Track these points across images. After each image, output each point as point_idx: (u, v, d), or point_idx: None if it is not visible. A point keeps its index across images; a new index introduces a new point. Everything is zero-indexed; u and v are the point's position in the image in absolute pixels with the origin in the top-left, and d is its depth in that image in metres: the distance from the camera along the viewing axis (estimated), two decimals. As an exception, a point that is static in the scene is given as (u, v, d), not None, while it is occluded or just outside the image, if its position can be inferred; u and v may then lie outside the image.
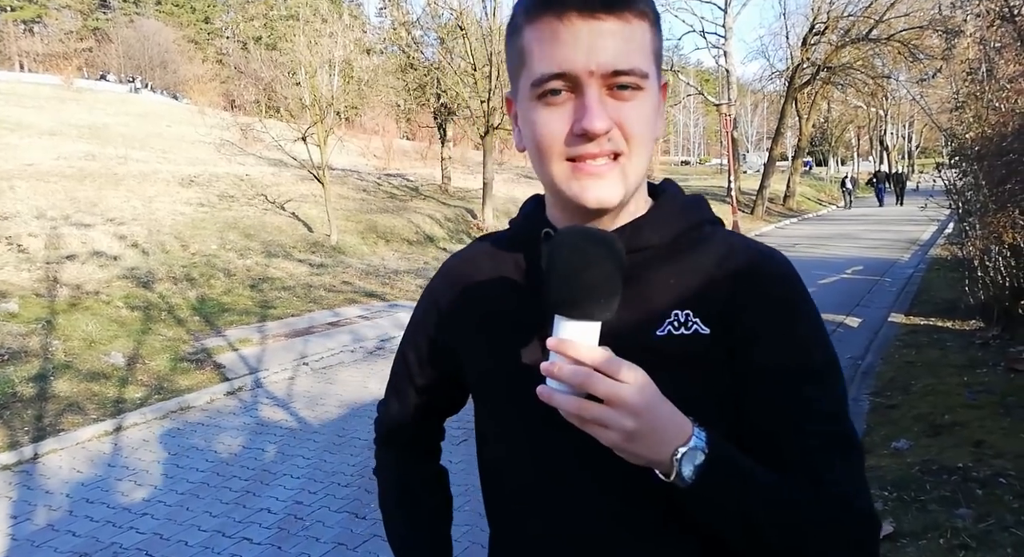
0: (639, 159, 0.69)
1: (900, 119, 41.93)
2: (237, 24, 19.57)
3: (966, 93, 6.62)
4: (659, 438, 0.61)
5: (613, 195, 0.69)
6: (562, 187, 0.70)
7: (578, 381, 0.60)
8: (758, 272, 0.72)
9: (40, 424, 4.70)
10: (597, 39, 0.64)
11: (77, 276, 8.07)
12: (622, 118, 0.67)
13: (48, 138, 17.34)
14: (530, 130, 0.70)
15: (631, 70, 0.66)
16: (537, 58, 0.67)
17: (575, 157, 0.68)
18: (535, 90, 0.68)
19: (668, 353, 0.70)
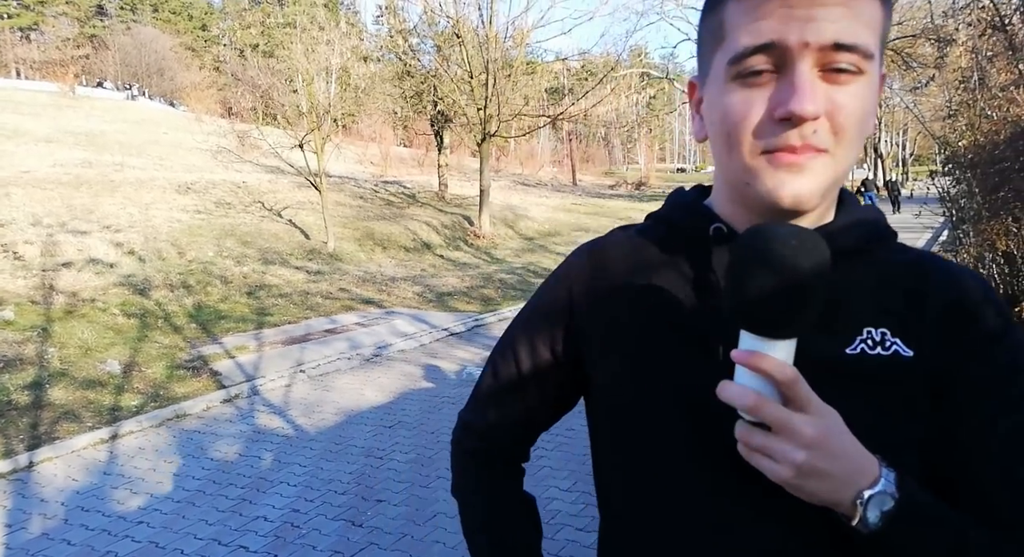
0: (846, 157, 0.59)
1: (894, 127, 42.22)
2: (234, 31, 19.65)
3: (959, 101, 6.68)
4: (839, 477, 0.54)
5: (814, 192, 0.58)
6: (751, 179, 0.60)
7: (747, 402, 0.53)
8: (970, 296, 0.63)
9: (35, 432, 4.69)
10: (817, 8, 0.55)
11: (73, 283, 8.05)
12: (835, 106, 0.56)
13: (45, 145, 17.33)
14: (719, 114, 0.61)
15: (855, 46, 0.55)
16: (741, 30, 0.57)
17: (771, 148, 0.58)
18: (733, 68, 0.58)
19: (859, 374, 0.61)
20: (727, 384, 0.55)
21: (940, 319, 0.62)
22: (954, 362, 0.61)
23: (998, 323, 0.63)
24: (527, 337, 0.79)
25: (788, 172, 0.58)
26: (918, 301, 0.63)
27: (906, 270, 0.65)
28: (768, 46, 0.56)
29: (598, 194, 27.89)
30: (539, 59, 20.15)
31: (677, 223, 0.71)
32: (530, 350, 0.78)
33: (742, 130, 0.59)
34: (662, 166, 58.15)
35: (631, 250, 0.73)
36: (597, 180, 37.90)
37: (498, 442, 0.86)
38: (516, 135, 18.40)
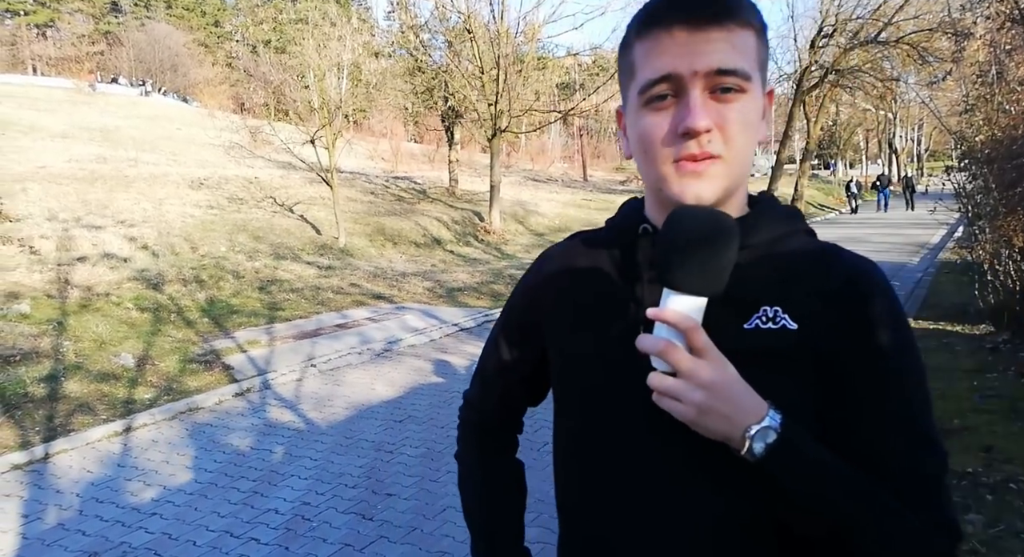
0: (738, 162, 0.72)
1: (909, 122, 41.72)
2: (247, 28, 19.70)
3: (976, 96, 6.59)
4: (732, 415, 0.66)
5: (711, 192, 0.72)
6: (664, 187, 0.73)
7: (658, 348, 0.66)
8: (856, 281, 0.73)
9: (51, 424, 4.74)
10: (701, 45, 0.69)
11: (88, 278, 8.14)
12: (723, 120, 0.70)
13: (60, 141, 17.51)
14: (637, 135, 0.75)
15: (734, 70, 0.69)
16: (645, 67, 0.72)
17: (678, 158, 0.71)
18: (642, 97, 0.73)
19: (753, 345, 0.72)
20: (643, 336, 0.68)
21: (828, 300, 0.73)
22: (838, 340, 0.71)
23: (882, 307, 0.72)
24: (506, 330, 0.97)
25: (691, 178, 0.71)
26: (811, 284, 0.74)
27: (808, 258, 0.77)
28: (667, 77, 0.70)
29: (609, 190, 27.79)
30: (550, 54, 20.05)
31: (618, 225, 0.86)
32: (508, 342, 0.96)
33: (655, 145, 0.72)
34: (674, 162, 57.72)
35: (583, 251, 0.88)
36: (608, 175, 37.75)
37: (490, 414, 1.02)
38: (527, 131, 18.36)
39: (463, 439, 1.05)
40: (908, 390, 0.72)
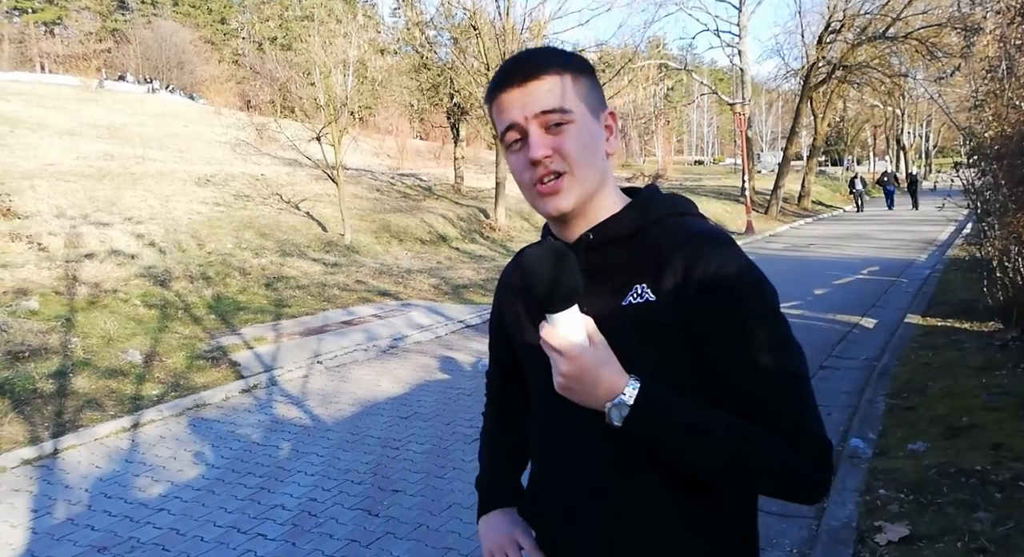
0: (583, 173, 0.91)
1: (917, 118, 41.43)
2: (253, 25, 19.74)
3: (985, 91, 6.53)
4: (592, 394, 0.83)
5: (565, 204, 0.91)
6: (535, 207, 0.94)
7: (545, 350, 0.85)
8: (704, 250, 0.88)
9: (60, 420, 4.78)
10: (526, 97, 0.90)
11: (96, 274, 8.18)
12: (558, 145, 0.89)
13: (68, 138, 17.58)
14: (511, 171, 0.95)
15: (554, 108, 0.89)
16: (498, 121, 0.94)
17: (534, 182, 0.91)
18: (503, 143, 0.94)
19: (628, 319, 0.89)
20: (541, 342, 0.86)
21: (675, 265, 0.87)
22: (690, 309, 0.86)
23: (732, 280, 0.86)
24: (491, 319, 1.22)
25: (548, 197, 0.91)
26: (663, 257, 0.89)
27: (668, 239, 0.91)
28: (511, 125, 0.91)
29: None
30: (556, 51, 19.97)
31: (542, 237, 1.04)
32: (492, 326, 1.23)
33: (520, 177, 0.94)
34: (680, 158, 57.65)
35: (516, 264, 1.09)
36: (614, 172, 37.61)
37: (493, 386, 1.29)
38: (533, 127, 18.30)
39: (487, 402, 1.31)
40: (760, 333, 0.85)
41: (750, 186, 19.97)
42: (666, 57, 26.34)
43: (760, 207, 21.67)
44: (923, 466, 3.36)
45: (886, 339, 6.30)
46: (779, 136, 51.84)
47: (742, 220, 18.55)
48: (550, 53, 0.95)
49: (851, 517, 3.00)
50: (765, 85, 39.11)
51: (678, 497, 0.90)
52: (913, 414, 4.22)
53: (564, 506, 1.00)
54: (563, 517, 1.00)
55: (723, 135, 69.72)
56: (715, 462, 0.84)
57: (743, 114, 21.73)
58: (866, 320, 7.26)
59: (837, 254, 12.89)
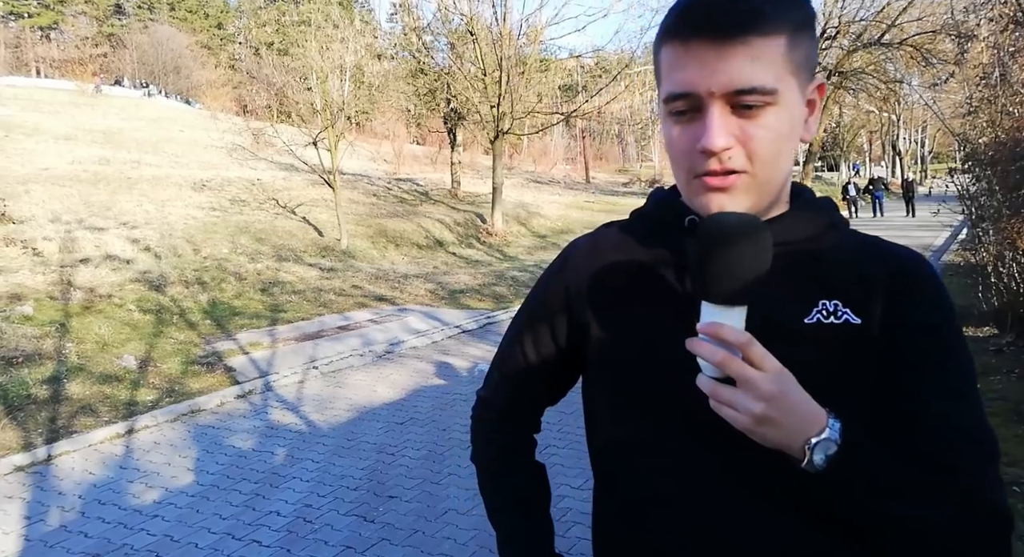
0: (765, 176, 0.71)
1: (913, 124, 41.67)
2: (250, 30, 19.78)
3: (979, 98, 6.58)
4: (791, 426, 0.64)
5: (737, 207, 0.70)
6: (692, 198, 0.74)
7: (716, 359, 0.63)
8: (907, 271, 0.75)
9: (54, 426, 4.75)
10: (719, 62, 0.67)
11: (91, 279, 8.15)
12: (747, 135, 0.68)
13: (64, 143, 17.56)
14: (666, 141, 0.75)
15: (752, 89, 0.67)
16: (667, 79, 0.71)
17: (699, 173, 0.71)
18: (666, 107, 0.72)
19: (815, 339, 0.72)
20: (697, 341, 0.65)
21: (883, 290, 0.73)
22: (895, 327, 0.72)
23: (930, 290, 0.74)
24: (531, 324, 0.91)
25: (716, 193, 0.71)
26: (864, 276, 0.74)
27: (854, 250, 0.77)
28: (685, 94, 0.69)
29: (611, 192, 27.80)
30: (553, 56, 20.07)
31: (658, 217, 0.83)
32: (534, 337, 0.91)
33: (679, 158, 0.73)
34: (676, 164, 57.67)
35: (619, 243, 0.84)
36: (610, 177, 37.76)
37: (510, 415, 0.98)
38: (529, 132, 18.37)
39: (481, 440, 1.00)
40: (963, 370, 0.73)
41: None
42: (662, 63, 26.41)
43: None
44: (919, 472, 3.36)
45: (882, 344, 6.31)
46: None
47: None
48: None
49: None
50: (761, 91, 39.19)
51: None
52: (909, 419, 4.23)
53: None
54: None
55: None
56: (895, 522, 0.67)
57: (739, 120, 21.75)
58: (862, 325, 7.26)
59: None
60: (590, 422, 0.88)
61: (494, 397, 0.98)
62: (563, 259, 0.89)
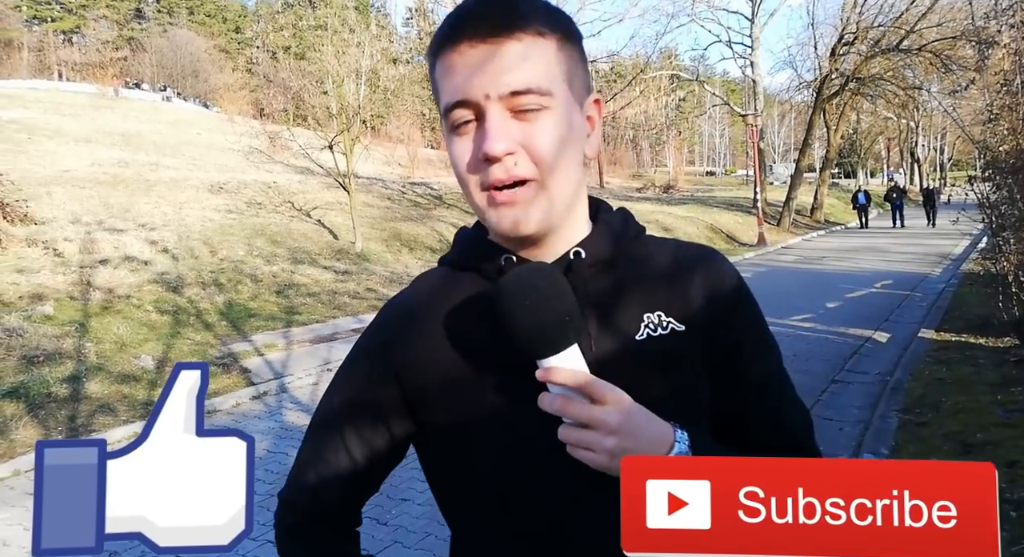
0: (554, 182, 0.69)
1: (932, 131, 41.23)
2: (267, 34, 19.98)
3: (1000, 105, 6.50)
4: (644, 449, 0.64)
5: (529, 221, 0.69)
6: (483, 217, 0.72)
7: (555, 407, 0.64)
8: (711, 269, 0.78)
9: (73, 424, 4.81)
10: (490, 63, 0.65)
11: (109, 280, 8.26)
12: (527, 140, 0.66)
13: (84, 145, 17.83)
14: (451, 161, 0.71)
15: (528, 89, 0.66)
16: (444, 90, 0.69)
17: (487, 185, 0.68)
18: (447, 122, 0.70)
19: (649, 353, 0.73)
20: (543, 395, 0.66)
21: (698, 293, 0.75)
22: (717, 329, 0.75)
23: (743, 293, 0.78)
24: (353, 409, 0.79)
25: (504, 208, 0.68)
26: (677, 282, 0.76)
27: (661, 258, 0.78)
28: (463, 102, 0.67)
29: (625, 197, 27.74)
30: (568, 61, 20.07)
31: (471, 263, 0.78)
32: (357, 424, 0.79)
33: (465, 173, 0.69)
34: (691, 169, 57.60)
35: (439, 296, 0.78)
36: (625, 183, 37.68)
37: (326, 513, 0.82)
38: (544, 137, 18.36)
39: (290, 551, 0.83)
40: (775, 359, 0.80)
41: (762, 198, 19.92)
42: (678, 68, 26.41)
43: (772, 219, 21.59)
44: (937, 483, 3.32)
45: (899, 354, 6.24)
46: (792, 148, 51.71)
47: (754, 232, 18.49)
48: (528, 2, 0.69)
49: (863, 534, 2.97)
50: (778, 97, 39.07)
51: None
52: (926, 430, 4.18)
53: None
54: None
55: (735, 146, 69.64)
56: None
57: (755, 125, 21.71)
58: (879, 334, 7.20)
59: (850, 267, 12.81)
60: (441, 485, 0.82)
61: (305, 497, 0.82)
62: (380, 324, 0.82)
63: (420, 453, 0.83)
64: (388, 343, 0.79)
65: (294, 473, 0.84)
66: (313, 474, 0.81)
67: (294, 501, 0.84)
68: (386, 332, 0.80)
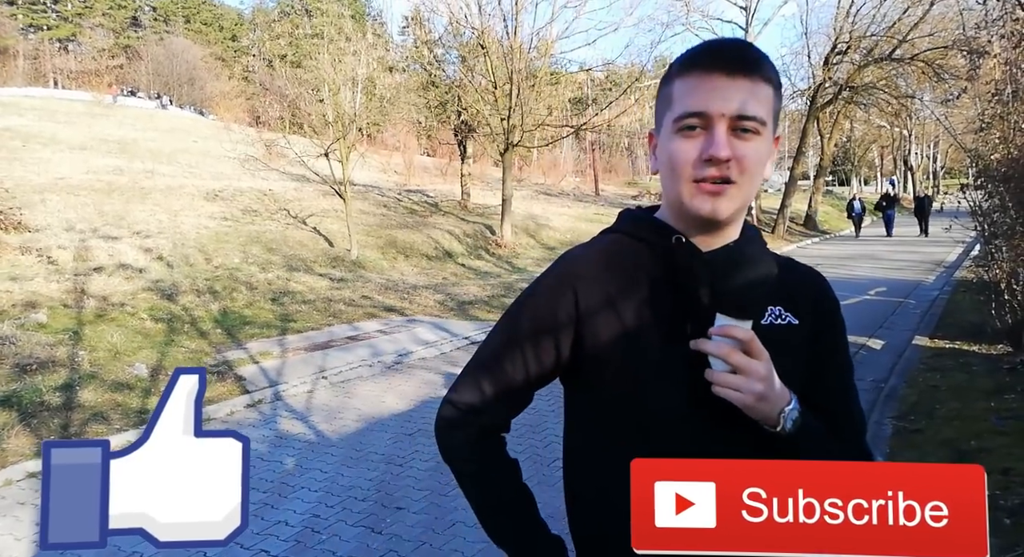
0: (748, 189, 0.90)
1: (925, 139, 41.51)
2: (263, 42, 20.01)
3: (992, 114, 6.56)
4: (774, 399, 0.85)
5: (724, 210, 0.89)
6: (686, 201, 0.90)
7: (723, 352, 0.84)
8: (820, 285, 1.03)
9: (66, 433, 4.78)
10: (730, 91, 0.86)
11: (104, 288, 8.22)
12: (741, 154, 0.87)
13: (79, 152, 17.78)
14: (667, 156, 0.91)
15: (754, 116, 0.86)
16: (682, 100, 0.89)
17: (699, 179, 0.87)
18: (676, 124, 0.89)
19: (771, 337, 0.90)
20: (703, 341, 0.87)
21: (809, 298, 0.99)
22: (819, 327, 0.98)
23: (839, 310, 1.03)
24: (534, 335, 0.97)
25: (709, 196, 0.88)
26: (794, 286, 0.99)
27: (782, 266, 0.97)
28: (699, 113, 0.86)
29: (621, 204, 27.80)
30: (563, 69, 20.17)
31: (645, 236, 0.98)
32: (536, 348, 0.97)
33: (682, 166, 0.88)
34: (685, 177, 57.64)
35: (614, 256, 0.97)
36: (620, 190, 37.76)
37: (495, 417, 1.02)
38: (539, 145, 18.44)
39: (462, 445, 1.03)
40: (852, 369, 1.04)
41: (756, 205, 20.02)
42: (672, 77, 26.44)
43: (767, 226, 21.68)
44: (932, 490, 3.32)
45: (893, 361, 6.27)
46: (785, 156, 51.83)
47: (748, 239, 18.50)
48: (764, 55, 0.90)
49: (859, 541, 2.96)
50: (771, 105, 39.14)
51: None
52: (920, 437, 4.19)
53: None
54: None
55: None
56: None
57: (749, 134, 21.72)
58: (873, 341, 7.22)
59: (844, 274, 12.86)
60: (574, 424, 1.01)
61: (479, 402, 1.00)
62: (566, 271, 0.98)
63: (569, 380, 1.00)
64: (572, 284, 0.95)
65: (470, 377, 1.02)
66: (490, 386, 0.99)
67: (468, 403, 1.01)
68: (570, 276, 0.96)
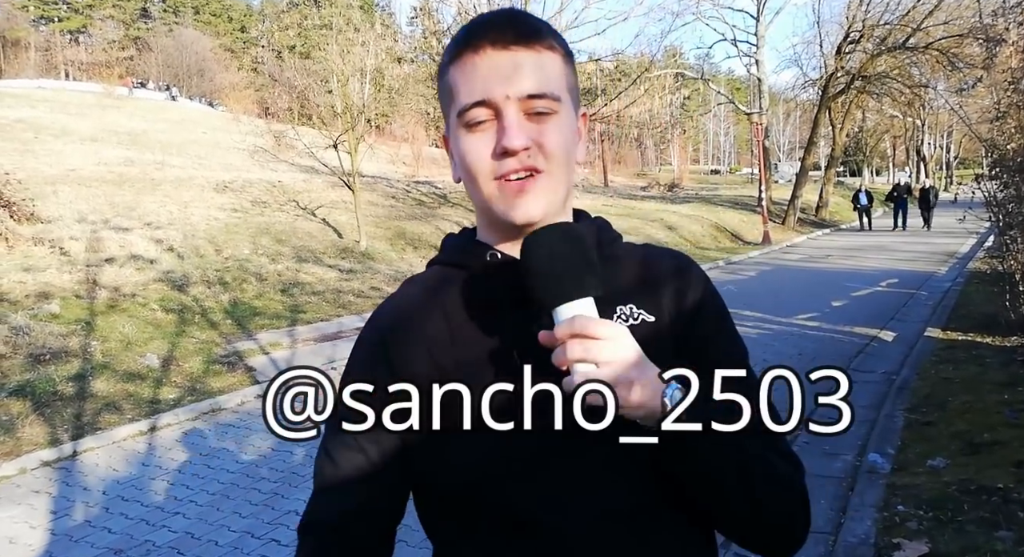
0: (559, 176, 0.76)
1: (938, 129, 41.01)
2: (272, 33, 19.97)
3: (1008, 103, 6.46)
4: (650, 372, 0.66)
5: (537, 209, 0.74)
6: (492, 205, 0.76)
7: (559, 361, 0.65)
8: (680, 270, 0.85)
9: (79, 422, 4.84)
10: (512, 68, 0.72)
11: (115, 279, 8.29)
12: (540, 137, 0.73)
13: (90, 144, 17.89)
14: (460, 157, 0.76)
15: (544, 94, 0.73)
16: (462, 91, 0.74)
17: (500, 175, 0.74)
18: (461, 119, 0.75)
19: None
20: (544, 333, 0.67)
21: (669, 289, 0.82)
22: (686, 323, 0.81)
23: (709, 292, 0.84)
24: (356, 406, 0.70)
25: (514, 196, 0.74)
26: (648, 279, 0.83)
27: (632, 257, 0.85)
28: (481, 101, 0.72)
29: (630, 195, 27.69)
30: (572, 60, 20.05)
31: (458, 262, 0.84)
32: (363, 417, 0.70)
33: (476, 165, 0.74)
34: (696, 167, 57.48)
35: (429, 293, 0.83)
36: (629, 181, 37.64)
37: (353, 537, 0.80)
38: (548, 136, 18.34)
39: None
40: (739, 348, 0.83)
41: (767, 196, 19.85)
42: (683, 66, 26.33)
43: (777, 217, 21.52)
44: (943, 483, 3.31)
45: (905, 353, 6.22)
46: (797, 146, 51.43)
47: (759, 230, 18.44)
48: (543, 22, 0.77)
49: (869, 533, 2.96)
50: (783, 95, 38.85)
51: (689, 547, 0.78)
52: (933, 429, 4.16)
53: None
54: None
55: (740, 145, 69.46)
56: (736, 458, 0.70)
57: (760, 124, 21.64)
58: (885, 333, 7.17)
59: (855, 266, 12.76)
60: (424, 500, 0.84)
61: (330, 517, 0.81)
62: (370, 330, 0.83)
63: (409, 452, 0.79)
64: (382, 343, 0.80)
65: (316, 491, 0.84)
66: (334, 493, 0.81)
67: (319, 522, 0.82)
68: (380, 332, 0.82)
